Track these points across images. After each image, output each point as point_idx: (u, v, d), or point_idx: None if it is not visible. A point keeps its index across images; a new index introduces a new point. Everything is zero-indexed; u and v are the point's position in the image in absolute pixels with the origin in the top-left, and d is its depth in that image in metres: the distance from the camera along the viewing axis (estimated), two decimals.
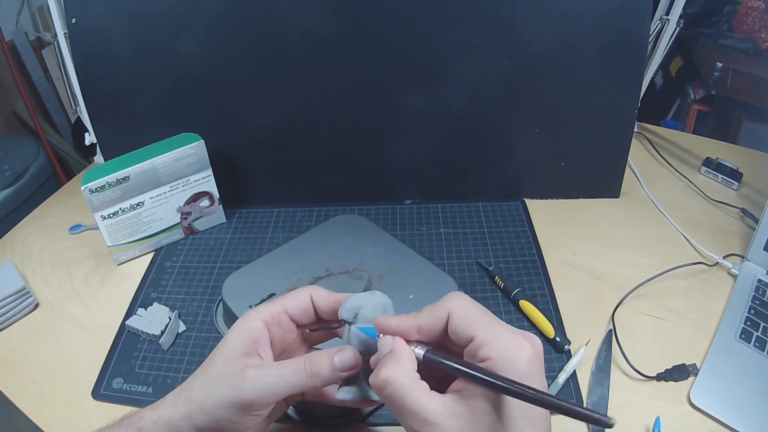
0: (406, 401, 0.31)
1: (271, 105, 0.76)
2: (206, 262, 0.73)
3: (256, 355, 0.37)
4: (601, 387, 0.55)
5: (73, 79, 0.77)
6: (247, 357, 0.36)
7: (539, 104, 0.75)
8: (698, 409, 0.52)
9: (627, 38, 0.71)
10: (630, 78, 0.74)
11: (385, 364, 0.32)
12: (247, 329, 0.37)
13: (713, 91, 1.04)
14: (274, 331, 0.39)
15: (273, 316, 0.39)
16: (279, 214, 0.81)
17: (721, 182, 0.83)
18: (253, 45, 0.72)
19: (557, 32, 0.71)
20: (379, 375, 0.32)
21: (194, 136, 0.71)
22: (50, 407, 0.56)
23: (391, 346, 0.33)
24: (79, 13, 0.71)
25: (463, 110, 0.76)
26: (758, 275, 0.66)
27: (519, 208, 0.80)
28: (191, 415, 0.36)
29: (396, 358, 0.32)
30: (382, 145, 0.79)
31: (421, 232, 0.76)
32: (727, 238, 0.73)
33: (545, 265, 0.70)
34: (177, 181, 0.72)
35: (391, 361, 0.32)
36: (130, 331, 0.63)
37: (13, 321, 0.65)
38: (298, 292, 0.40)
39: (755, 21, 0.96)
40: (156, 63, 0.74)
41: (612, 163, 0.80)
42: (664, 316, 0.62)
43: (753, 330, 0.59)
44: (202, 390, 0.36)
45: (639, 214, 0.78)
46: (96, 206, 0.67)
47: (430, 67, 0.73)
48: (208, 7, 0.71)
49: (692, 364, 0.56)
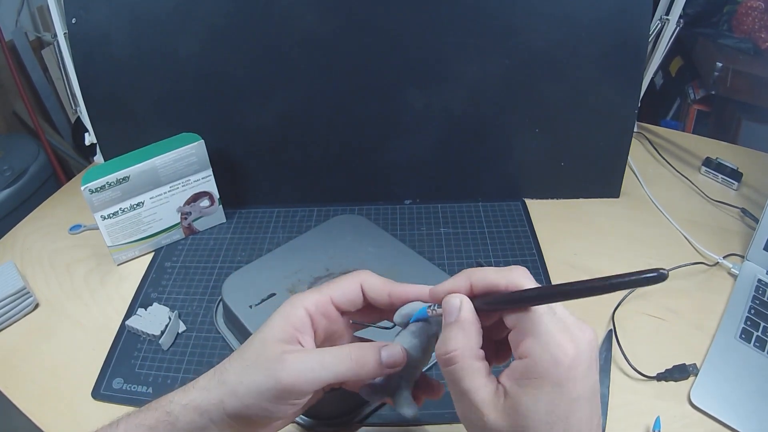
0: (464, 382, 0.30)
1: (271, 105, 0.76)
2: (206, 262, 0.73)
3: (296, 343, 0.35)
4: (601, 387, 0.54)
5: (73, 79, 0.77)
6: (286, 343, 0.34)
7: (539, 104, 0.75)
8: (698, 409, 0.52)
9: (627, 38, 0.71)
10: (630, 78, 0.74)
11: (454, 336, 0.31)
12: (290, 316, 0.35)
13: (713, 91, 1.05)
14: (318, 321, 0.36)
15: (318, 306, 0.36)
16: (279, 214, 0.81)
17: (721, 182, 0.83)
18: (252, 45, 0.72)
19: (557, 32, 0.71)
20: (447, 346, 0.31)
21: (194, 136, 0.71)
22: (50, 407, 0.56)
23: (458, 311, 0.32)
24: (79, 13, 0.71)
25: (463, 110, 0.76)
26: (758, 275, 0.66)
27: (519, 208, 0.80)
28: (223, 399, 0.33)
29: (465, 330, 0.31)
30: (382, 145, 0.79)
31: (421, 232, 0.76)
32: (727, 238, 0.73)
33: (545, 265, 0.70)
34: (177, 181, 0.72)
35: (460, 333, 0.31)
36: (130, 331, 0.63)
37: (13, 321, 0.65)
38: (348, 280, 0.37)
39: (755, 21, 0.96)
40: (156, 63, 0.74)
41: (612, 163, 0.80)
42: (664, 316, 0.62)
43: (753, 330, 0.59)
44: (237, 374, 0.34)
45: (639, 214, 0.78)
46: (96, 206, 0.67)
47: (430, 67, 0.73)
48: (208, 7, 0.71)
49: (692, 364, 0.56)
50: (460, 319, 0.32)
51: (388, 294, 0.36)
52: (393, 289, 0.36)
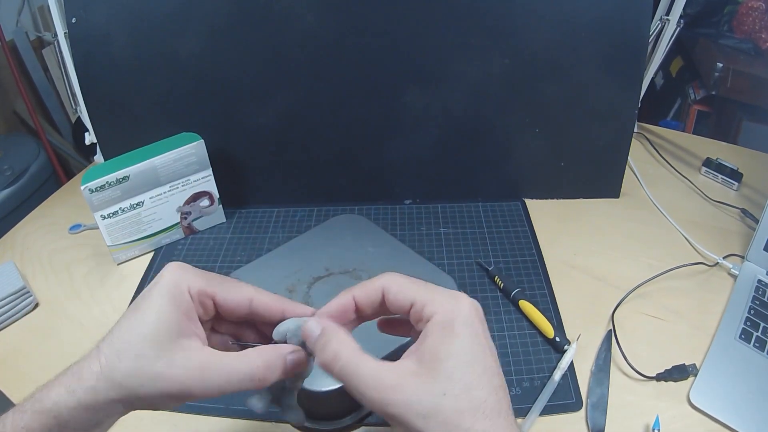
0: (360, 369, 0.30)
1: (270, 105, 0.76)
2: (206, 262, 0.73)
3: (193, 336, 0.32)
4: (600, 387, 0.55)
5: (73, 79, 0.77)
6: (183, 338, 0.32)
7: (539, 104, 0.75)
8: (698, 409, 0.52)
9: (627, 38, 0.71)
10: (630, 78, 0.74)
11: (328, 340, 0.31)
12: (180, 301, 0.32)
13: (713, 92, 1.04)
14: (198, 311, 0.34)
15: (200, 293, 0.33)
16: (279, 214, 0.81)
17: (721, 182, 0.83)
18: (253, 45, 0.72)
19: (557, 32, 0.71)
20: (326, 350, 0.31)
21: (194, 136, 0.71)
22: None
23: (320, 326, 0.32)
24: (79, 13, 0.71)
25: (463, 110, 0.76)
26: (758, 275, 0.66)
27: (519, 208, 0.80)
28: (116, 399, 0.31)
29: (335, 333, 0.32)
30: (382, 145, 0.79)
31: (421, 232, 0.76)
32: (727, 239, 0.73)
33: (545, 265, 0.70)
34: (177, 181, 0.72)
35: (333, 335, 0.32)
36: None
37: (12, 321, 0.65)
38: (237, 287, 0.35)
39: (756, 21, 0.96)
40: (156, 63, 0.74)
41: (612, 163, 0.80)
42: (664, 316, 0.62)
43: (753, 330, 0.59)
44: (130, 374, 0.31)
45: (639, 214, 0.78)
46: (96, 206, 0.67)
47: (430, 67, 0.73)
48: (208, 7, 0.71)
49: (692, 364, 0.56)
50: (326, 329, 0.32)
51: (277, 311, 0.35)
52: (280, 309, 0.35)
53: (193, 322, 0.33)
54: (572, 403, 0.54)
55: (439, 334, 0.30)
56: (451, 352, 0.30)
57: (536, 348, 0.59)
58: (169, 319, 0.32)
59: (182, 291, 0.33)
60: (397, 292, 0.33)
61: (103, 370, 0.31)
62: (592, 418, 0.52)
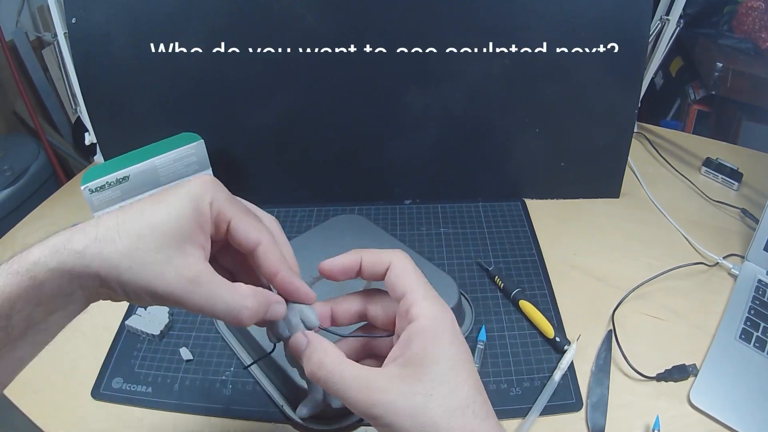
0: (346, 374, 0.31)
1: (270, 105, 0.76)
2: None
3: (199, 247, 0.31)
4: (600, 387, 0.55)
5: (73, 79, 0.77)
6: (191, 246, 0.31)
7: (539, 104, 0.75)
8: (698, 409, 0.52)
9: (627, 38, 0.71)
10: (630, 78, 0.74)
11: (313, 351, 0.32)
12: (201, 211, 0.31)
13: (713, 92, 1.05)
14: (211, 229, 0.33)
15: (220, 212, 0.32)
16: (279, 214, 0.81)
17: (721, 182, 0.83)
18: (252, 45, 0.72)
19: (557, 32, 0.70)
20: (311, 360, 0.32)
21: (194, 136, 0.71)
22: (50, 407, 0.55)
23: (306, 339, 0.33)
24: (79, 13, 0.71)
25: (463, 110, 0.76)
26: (758, 275, 0.66)
27: (519, 208, 0.80)
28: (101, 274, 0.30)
29: (319, 342, 0.33)
30: (382, 145, 0.79)
31: (421, 232, 0.76)
32: (727, 238, 0.73)
33: (545, 265, 0.70)
34: (177, 181, 0.72)
35: (317, 345, 0.33)
36: (130, 331, 0.63)
37: None
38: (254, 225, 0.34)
39: (755, 21, 0.96)
40: (156, 63, 0.74)
41: (612, 163, 0.80)
42: (664, 316, 0.62)
43: (753, 330, 0.59)
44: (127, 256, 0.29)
45: (639, 214, 0.78)
46: (96, 206, 0.67)
47: (430, 67, 0.73)
48: (208, 7, 0.71)
49: (692, 365, 0.56)
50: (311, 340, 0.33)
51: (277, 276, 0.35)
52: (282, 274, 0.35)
53: (204, 234, 0.32)
54: (572, 403, 0.54)
55: (424, 339, 0.31)
56: (438, 357, 0.30)
57: (536, 348, 0.59)
58: (183, 223, 0.30)
59: (205, 203, 0.32)
60: (398, 275, 0.34)
61: (98, 238, 0.30)
62: (592, 418, 0.52)
